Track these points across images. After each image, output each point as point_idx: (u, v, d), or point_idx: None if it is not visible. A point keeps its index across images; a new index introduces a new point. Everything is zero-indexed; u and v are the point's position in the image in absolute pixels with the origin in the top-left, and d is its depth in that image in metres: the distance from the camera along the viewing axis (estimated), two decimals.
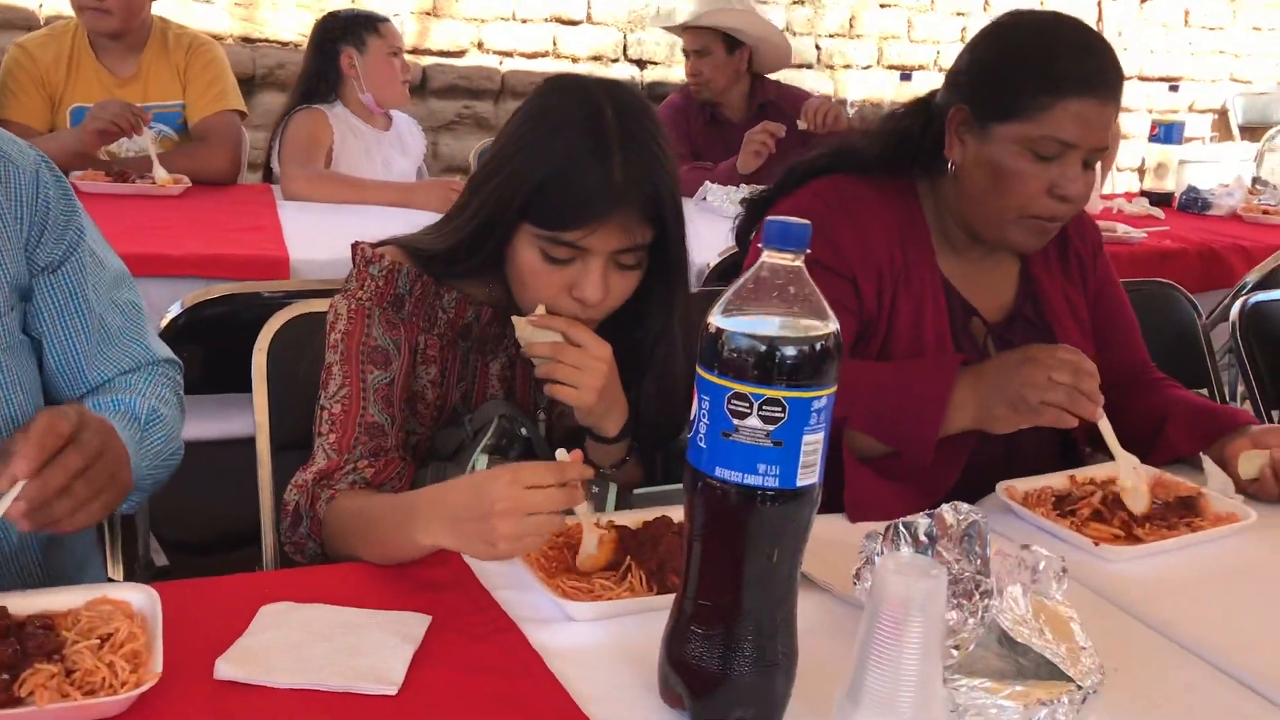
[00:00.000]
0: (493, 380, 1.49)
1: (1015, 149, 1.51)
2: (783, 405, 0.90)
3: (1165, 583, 1.31)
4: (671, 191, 1.33)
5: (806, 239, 0.92)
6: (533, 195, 1.31)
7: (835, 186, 1.64)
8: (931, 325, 1.60)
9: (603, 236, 1.30)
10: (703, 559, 0.96)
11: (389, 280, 1.41)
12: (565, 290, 1.35)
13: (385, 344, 1.40)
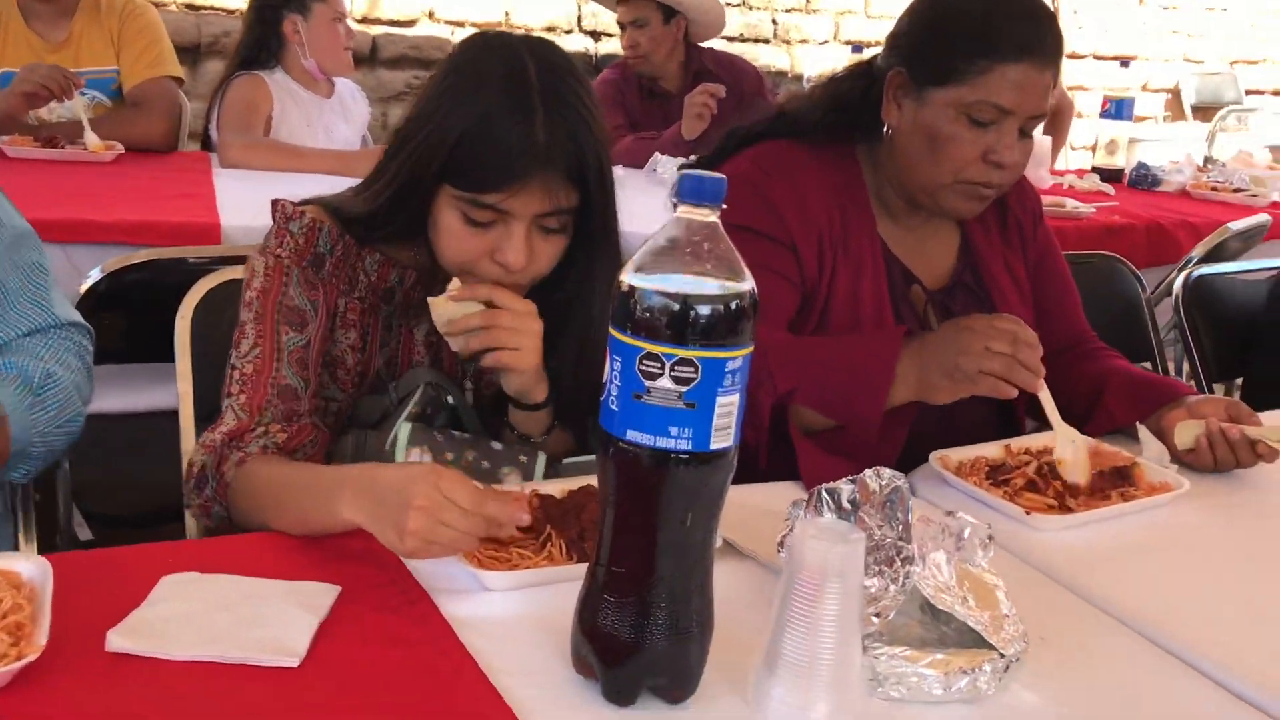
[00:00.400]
0: (418, 346, 1.45)
1: (951, 113, 1.49)
2: (696, 366, 0.87)
3: (1096, 552, 1.30)
4: (598, 153, 1.29)
5: (721, 193, 0.89)
6: (451, 155, 1.26)
7: (774, 152, 1.61)
8: (870, 293, 1.58)
9: (525, 199, 1.26)
10: (615, 525, 0.92)
11: (309, 239, 1.36)
12: (487, 254, 1.30)
13: (303, 304, 1.35)
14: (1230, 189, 3.82)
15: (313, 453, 1.32)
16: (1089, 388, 1.65)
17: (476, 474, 1.34)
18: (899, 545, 1.01)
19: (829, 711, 0.93)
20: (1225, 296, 2.47)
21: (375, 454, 1.34)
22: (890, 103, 1.56)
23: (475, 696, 0.93)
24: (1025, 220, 1.73)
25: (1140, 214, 3.36)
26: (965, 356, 1.39)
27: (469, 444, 1.36)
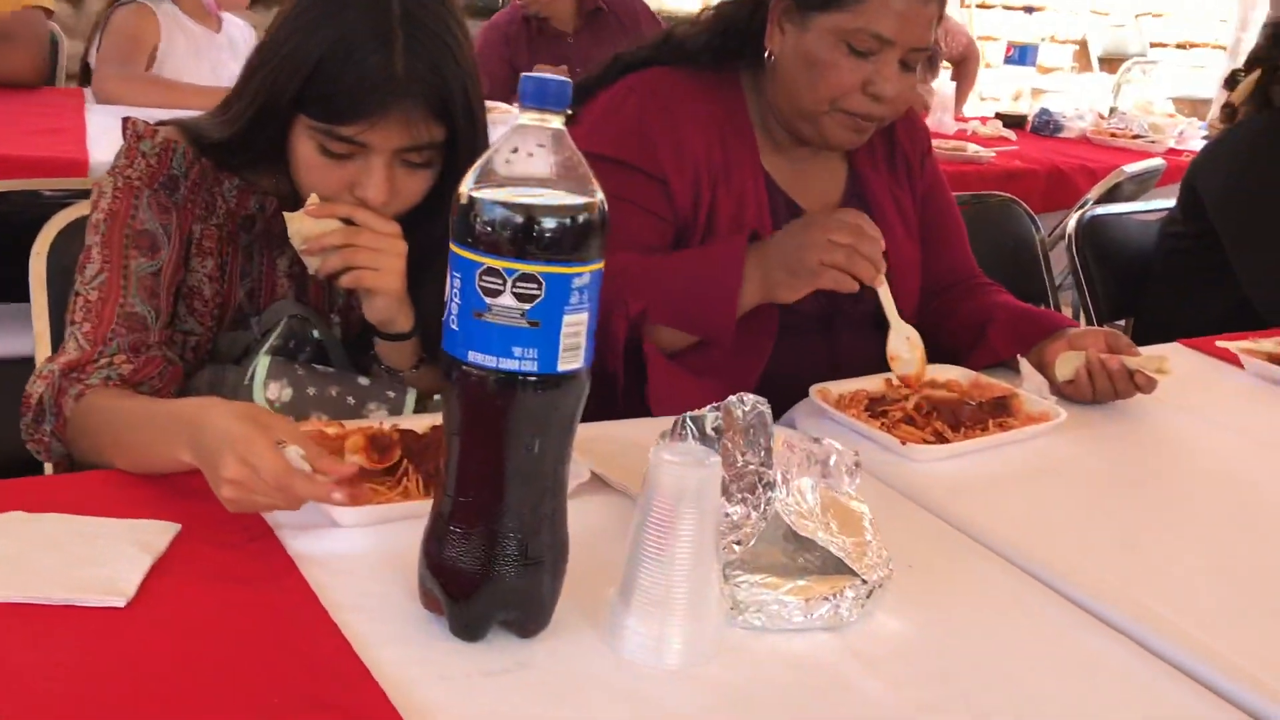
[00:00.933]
0: (281, 278, 1.38)
1: (831, 40, 1.46)
2: (539, 282, 0.82)
3: (971, 482, 1.29)
4: (464, 86, 1.22)
5: (566, 97, 0.84)
6: (306, 84, 1.19)
7: (653, 80, 1.56)
8: (753, 223, 1.55)
9: (383, 132, 1.20)
10: (461, 452, 0.88)
11: (162, 160, 1.29)
12: (346, 188, 1.24)
13: (153, 228, 1.28)
14: (1129, 135, 3.87)
15: (160, 386, 1.25)
16: (973, 322, 1.65)
17: (341, 409, 1.28)
18: (760, 471, 0.98)
19: (685, 642, 0.90)
20: (1118, 237, 2.50)
21: (233, 389, 1.28)
22: (774, 26, 1.52)
23: (313, 633, 0.89)
24: (913, 156, 1.72)
25: (1040, 159, 3.38)
26: (807, 250, 1.37)
27: (333, 379, 1.31)
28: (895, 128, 1.67)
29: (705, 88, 1.57)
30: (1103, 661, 0.97)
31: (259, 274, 1.36)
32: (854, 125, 1.51)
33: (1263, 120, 2.20)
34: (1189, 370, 1.71)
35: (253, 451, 0.97)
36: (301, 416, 1.26)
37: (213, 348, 1.37)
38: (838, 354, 1.60)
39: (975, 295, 1.71)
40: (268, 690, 0.82)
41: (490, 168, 0.84)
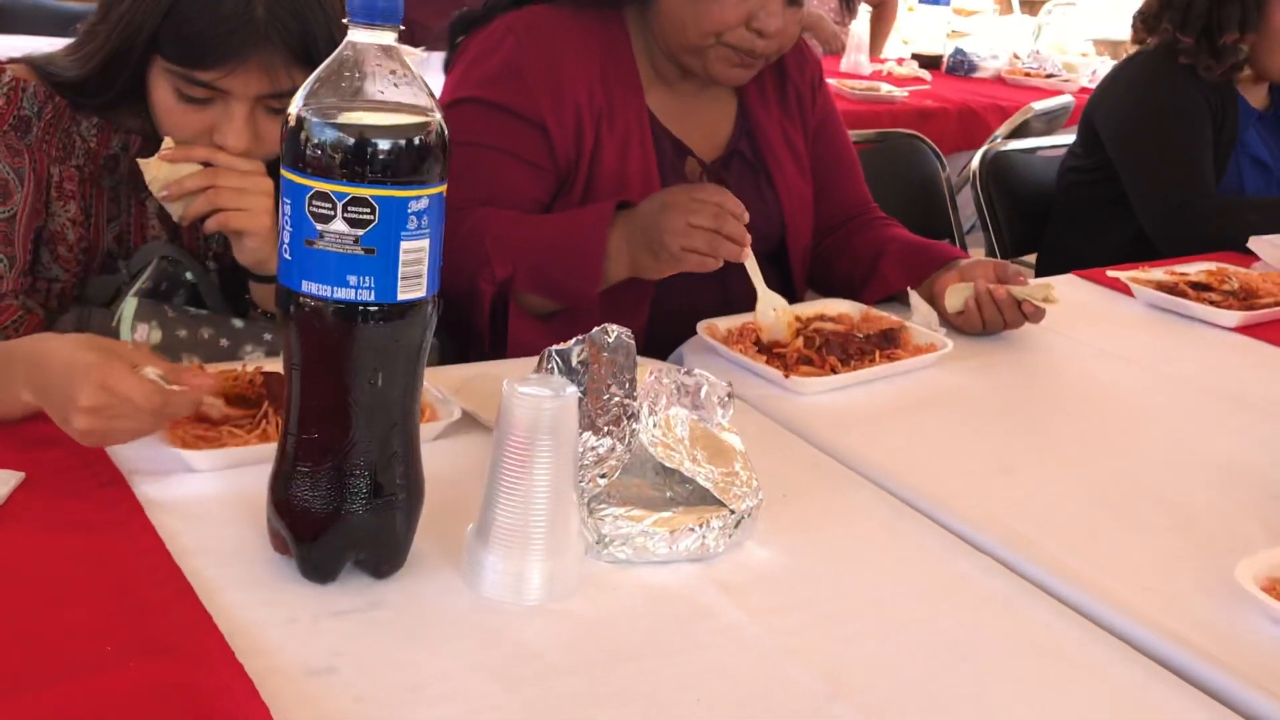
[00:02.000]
0: (151, 220, 1.32)
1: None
2: (371, 206, 0.79)
3: (855, 413, 1.28)
4: (329, 31, 1.16)
5: (397, 10, 0.80)
6: (163, 24, 1.14)
7: (531, 19, 1.52)
8: (638, 165, 1.52)
9: (243, 78, 1.15)
10: (303, 388, 0.85)
11: (11, 100, 1.23)
12: (205, 133, 1.19)
13: (4, 172, 1.22)
14: (1043, 75, 3.89)
15: (15, 334, 1.20)
16: (866, 256, 1.64)
17: (214, 352, 1.24)
18: (625, 403, 0.96)
19: (545, 577, 0.88)
20: (1022, 173, 2.50)
21: (100, 331, 1.23)
22: None
23: (154, 578, 0.85)
24: (804, 89, 1.69)
25: (953, 98, 3.38)
26: (669, 235, 1.33)
27: (205, 321, 1.26)
28: (785, 60, 1.64)
29: (586, 26, 1.53)
30: (969, 584, 0.97)
31: (127, 217, 1.31)
32: (739, 60, 1.48)
33: (1156, 54, 2.21)
34: (1080, 300, 1.72)
35: (112, 377, 0.93)
36: (173, 359, 1.22)
37: (80, 293, 1.31)
38: (729, 289, 1.58)
39: (869, 229, 1.70)
40: (103, 638, 0.79)
41: (319, 85, 0.80)
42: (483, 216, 1.43)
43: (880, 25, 4.47)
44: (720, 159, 1.61)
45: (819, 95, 1.71)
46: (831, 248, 1.70)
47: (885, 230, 1.69)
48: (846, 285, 1.66)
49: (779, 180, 1.63)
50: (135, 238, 1.32)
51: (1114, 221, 2.25)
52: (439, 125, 0.81)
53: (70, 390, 0.93)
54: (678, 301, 1.51)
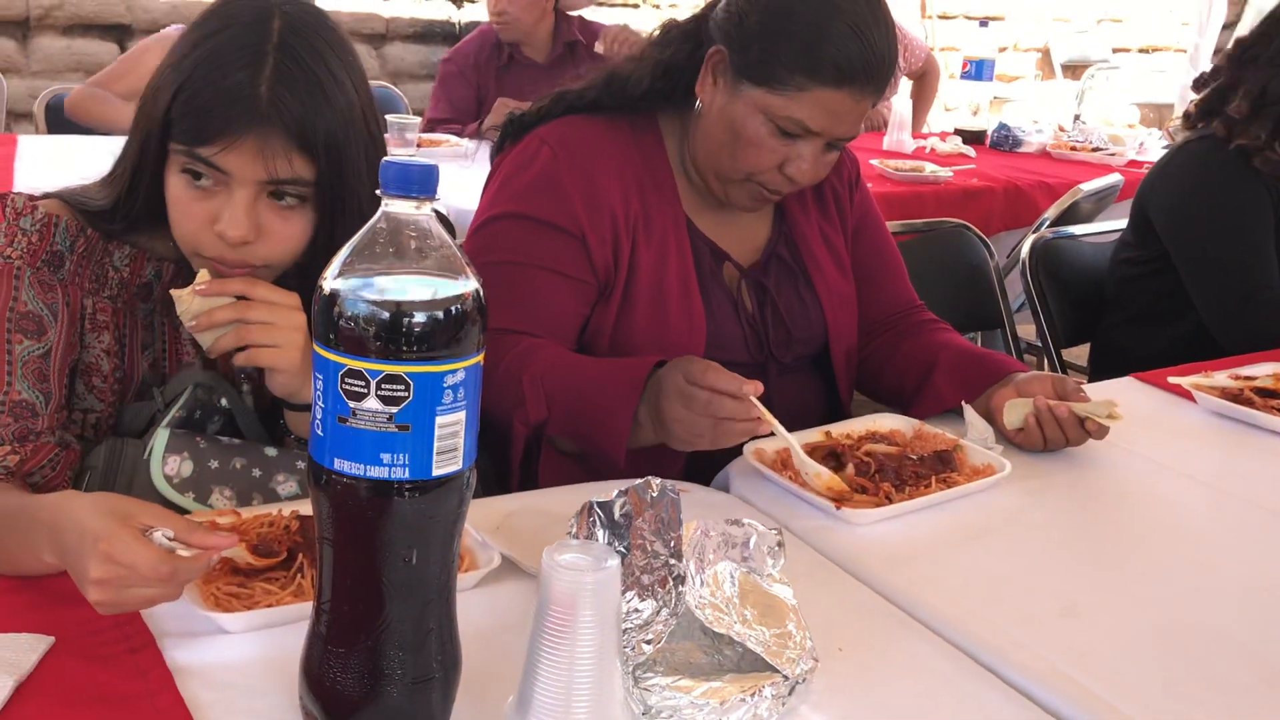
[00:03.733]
0: (186, 346, 1.31)
1: (760, 117, 1.41)
2: (406, 383, 0.76)
3: (910, 546, 1.23)
4: (332, 126, 1.15)
5: (432, 183, 0.78)
6: (173, 103, 1.14)
7: (565, 131, 1.51)
8: (676, 272, 1.49)
9: (240, 158, 1.13)
10: (335, 563, 0.81)
11: (44, 235, 1.22)
12: (209, 224, 1.16)
13: (38, 309, 1.21)
14: (1089, 148, 3.84)
15: (53, 475, 1.18)
16: (917, 363, 1.59)
17: (247, 482, 1.22)
18: (671, 564, 0.92)
19: None
20: (1074, 261, 2.45)
21: (131, 464, 1.22)
22: (707, 74, 1.47)
23: None
24: (842, 188, 1.67)
25: (998, 176, 3.34)
26: (675, 424, 1.27)
27: (238, 450, 1.24)
28: None
29: (621, 136, 1.52)
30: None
31: (161, 343, 1.30)
32: (760, 195, 1.48)
33: (1210, 140, 2.15)
34: (1141, 407, 1.65)
35: (117, 547, 0.90)
36: (204, 491, 1.21)
37: (116, 421, 1.30)
38: (772, 399, 1.54)
39: (918, 334, 1.65)
40: None
41: (352, 257, 0.78)
42: (522, 352, 1.40)
43: (921, 99, 4.45)
44: (758, 264, 1.58)
45: (856, 194, 1.69)
46: (879, 351, 1.66)
47: (936, 336, 1.65)
48: (896, 395, 1.61)
49: (819, 283, 1.60)
50: (170, 363, 1.31)
51: (1171, 315, 2.18)
52: (475, 294, 0.79)
53: (81, 561, 0.91)
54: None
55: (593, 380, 1.37)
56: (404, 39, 5.19)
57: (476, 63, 3.54)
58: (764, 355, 1.55)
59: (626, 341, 1.49)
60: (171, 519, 0.95)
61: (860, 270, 1.66)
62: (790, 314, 1.56)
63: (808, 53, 1.37)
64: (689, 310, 1.48)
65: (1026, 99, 6.46)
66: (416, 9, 5.17)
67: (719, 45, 1.45)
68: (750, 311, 1.54)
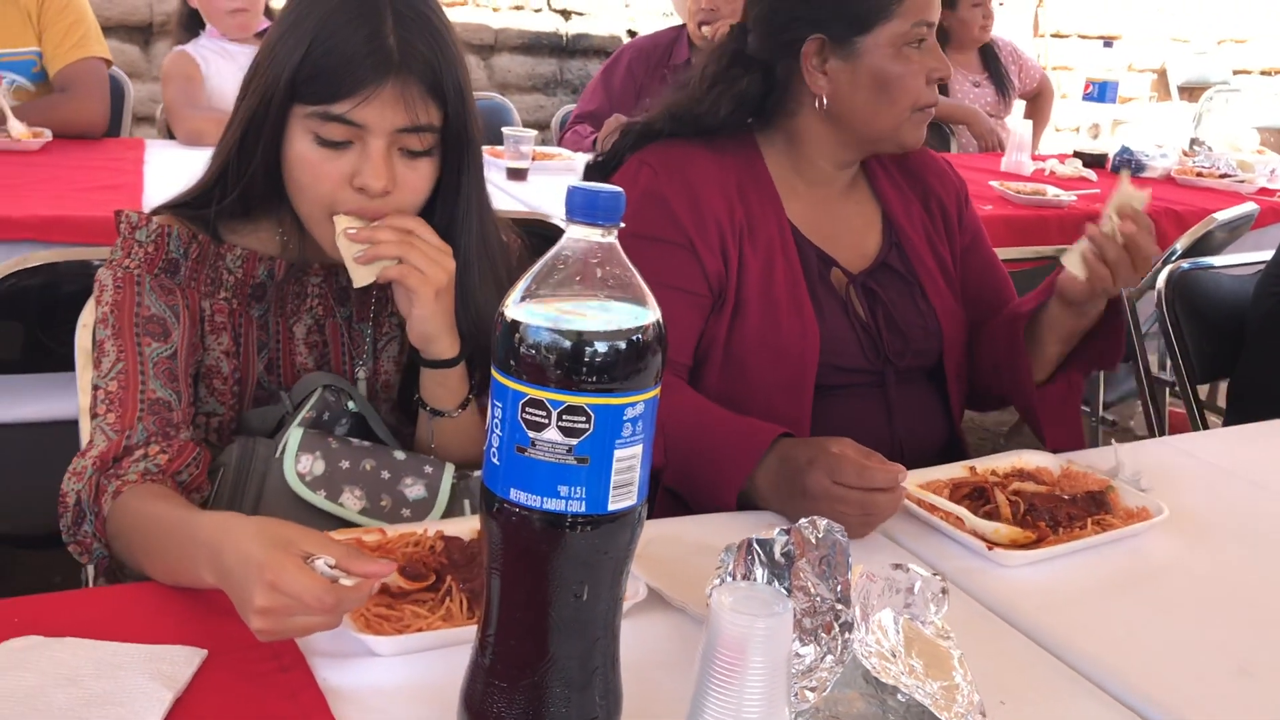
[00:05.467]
0: (299, 346, 1.32)
1: (890, 51, 1.46)
2: (587, 414, 0.74)
3: (1065, 592, 1.18)
4: (455, 70, 1.19)
5: (619, 210, 0.76)
6: (299, 68, 1.16)
7: (661, 149, 1.53)
8: (784, 278, 1.49)
9: (379, 108, 1.15)
10: (502, 595, 0.80)
11: (159, 245, 1.24)
12: (346, 181, 1.18)
13: (161, 312, 1.23)
14: (1216, 174, 3.70)
15: (197, 473, 1.20)
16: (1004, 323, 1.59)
17: (375, 483, 1.22)
18: (837, 610, 0.89)
19: None
20: (1211, 293, 2.35)
21: (264, 462, 1.23)
22: (814, 73, 1.49)
23: None
24: (949, 202, 1.66)
25: None
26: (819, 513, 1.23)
27: (368, 452, 1.24)
28: (925, 175, 1.65)
29: (717, 150, 1.53)
30: None
31: (277, 344, 1.31)
32: (925, 118, 1.51)
33: None
34: None
35: (282, 577, 0.90)
36: (335, 489, 1.21)
37: (240, 425, 1.31)
38: (891, 406, 1.54)
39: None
40: None
41: (535, 285, 0.76)
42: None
43: (1036, 119, 4.35)
44: (868, 270, 1.56)
45: (966, 213, 1.67)
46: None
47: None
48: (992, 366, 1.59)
49: (933, 293, 1.58)
50: (285, 366, 1.32)
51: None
52: (657, 325, 0.76)
53: (244, 589, 0.91)
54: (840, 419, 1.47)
55: (711, 439, 1.34)
56: (511, 50, 5.23)
57: (648, 60, 3.54)
58: (880, 361, 1.53)
59: (740, 349, 1.48)
60: (331, 545, 0.95)
61: (971, 286, 1.64)
62: (906, 321, 1.55)
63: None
64: (800, 315, 1.48)
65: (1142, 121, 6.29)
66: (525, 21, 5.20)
67: (810, 38, 1.47)
68: (863, 318, 1.53)
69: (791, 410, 1.46)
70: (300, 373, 1.30)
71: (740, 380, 1.47)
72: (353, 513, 1.21)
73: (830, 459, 1.21)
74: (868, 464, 1.20)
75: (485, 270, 1.28)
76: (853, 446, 1.24)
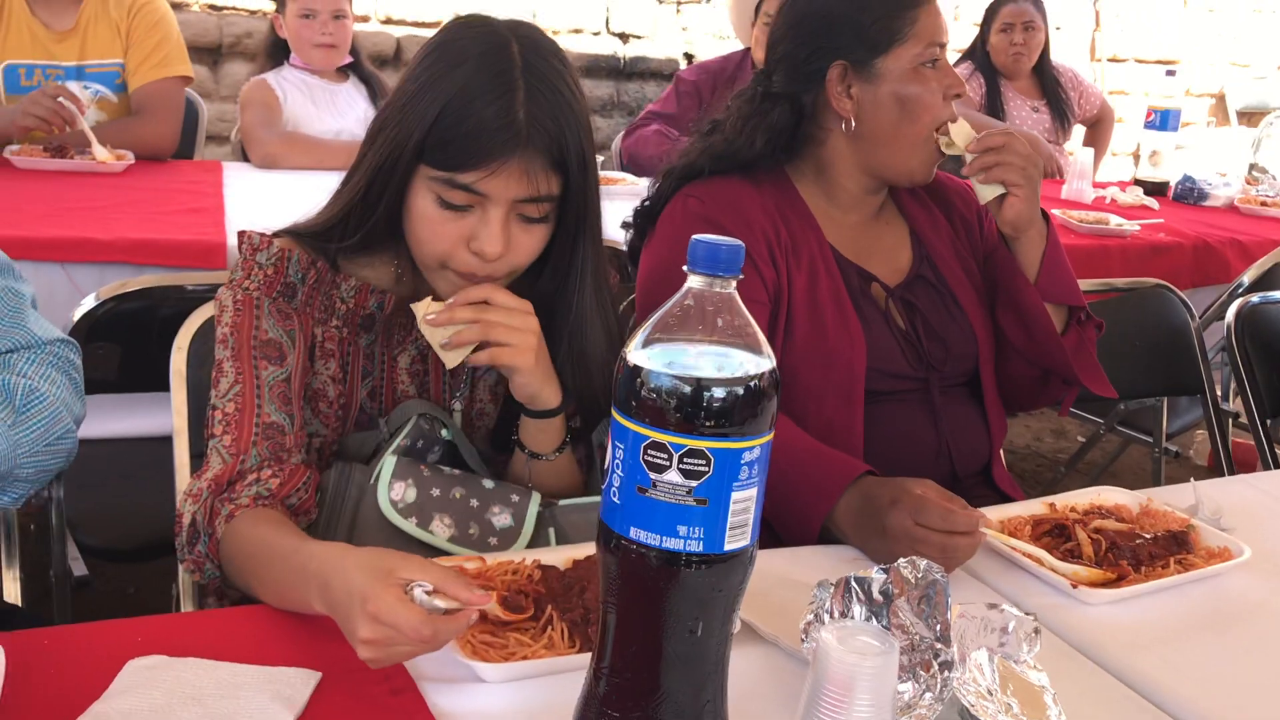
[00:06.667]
0: (401, 375, 1.36)
1: (910, 71, 1.53)
2: (707, 458, 0.77)
3: (1150, 630, 1.19)
4: (579, 140, 1.22)
5: (739, 262, 0.79)
6: (429, 132, 1.19)
7: (703, 183, 1.59)
8: (828, 294, 1.54)
9: (503, 180, 1.19)
10: (617, 628, 0.82)
11: (279, 268, 1.29)
12: (463, 242, 1.23)
13: (278, 336, 1.27)
14: None
15: (305, 496, 1.24)
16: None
17: (465, 512, 1.26)
18: (936, 648, 0.91)
19: None
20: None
21: (359, 488, 1.27)
22: (840, 97, 1.55)
23: None
24: (971, 219, 1.71)
25: (1187, 231, 3.22)
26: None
27: (459, 480, 1.28)
28: (948, 195, 1.71)
29: (756, 182, 1.59)
30: None
31: (380, 373, 1.35)
32: (937, 153, 1.56)
33: None
34: None
35: (382, 610, 0.94)
36: (426, 517, 1.24)
37: (339, 448, 1.35)
38: (937, 413, 1.58)
39: None
40: None
41: (656, 332, 0.79)
42: None
43: (1096, 145, 4.33)
44: (903, 284, 1.62)
45: (986, 224, 1.71)
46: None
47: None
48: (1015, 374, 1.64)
49: (964, 300, 1.63)
50: (387, 394, 1.36)
51: None
52: (773, 372, 0.79)
53: (350, 621, 0.96)
54: (887, 427, 1.52)
55: (796, 470, 1.37)
56: None
57: (715, 80, 3.61)
58: (924, 369, 1.58)
59: (790, 359, 1.52)
60: (430, 569, 0.98)
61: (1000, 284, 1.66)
62: (944, 329, 1.60)
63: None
64: (845, 324, 1.53)
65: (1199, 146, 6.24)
66: (584, 44, 5.27)
67: (833, 64, 1.54)
68: (903, 328, 1.58)
69: (844, 417, 1.51)
70: (401, 400, 1.34)
71: (793, 388, 1.51)
72: (442, 540, 1.24)
73: (914, 500, 1.23)
74: (951, 507, 1.22)
75: (596, 326, 1.32)
76: (934, 489, 1.26)
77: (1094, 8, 6.47)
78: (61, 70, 2.89)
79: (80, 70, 2.90)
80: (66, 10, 2.89)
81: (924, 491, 1.24)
